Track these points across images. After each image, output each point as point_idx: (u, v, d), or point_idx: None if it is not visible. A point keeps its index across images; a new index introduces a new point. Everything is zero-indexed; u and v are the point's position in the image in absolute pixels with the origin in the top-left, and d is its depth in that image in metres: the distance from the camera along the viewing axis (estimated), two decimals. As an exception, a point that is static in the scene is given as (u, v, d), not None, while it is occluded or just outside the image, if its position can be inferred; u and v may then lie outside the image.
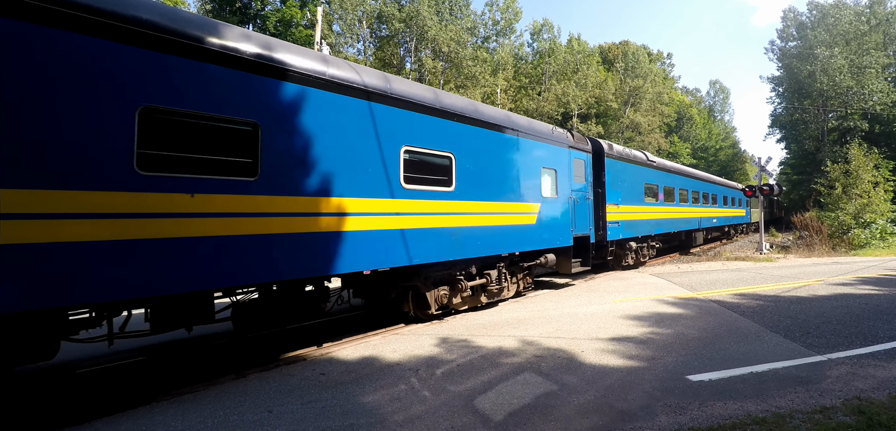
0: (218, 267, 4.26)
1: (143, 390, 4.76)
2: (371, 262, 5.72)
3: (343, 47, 30.90)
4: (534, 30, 41.53)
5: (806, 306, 7.58)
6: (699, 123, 63.42)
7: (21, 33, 3.30)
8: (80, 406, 4.39)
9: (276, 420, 3.71)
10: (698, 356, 5.11)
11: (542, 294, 9.68)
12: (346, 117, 5.47)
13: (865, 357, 4.93)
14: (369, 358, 5.35)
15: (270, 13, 27.13)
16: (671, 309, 7.64)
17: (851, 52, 37.44)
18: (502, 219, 7.94)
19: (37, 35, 3.36)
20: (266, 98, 4.69)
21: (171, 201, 4.00)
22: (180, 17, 4.25)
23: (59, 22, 3.46)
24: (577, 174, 10.34)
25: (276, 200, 4.72)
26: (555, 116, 35.21)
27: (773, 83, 46.82)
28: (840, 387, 4.11)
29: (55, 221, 3.41)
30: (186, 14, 4.44)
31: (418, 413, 3.80)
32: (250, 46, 4.61)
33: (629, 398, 3.97)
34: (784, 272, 12.11)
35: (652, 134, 43.84)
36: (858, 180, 20.76)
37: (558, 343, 5.70)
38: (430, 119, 6.60)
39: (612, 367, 4.80)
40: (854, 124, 38.04)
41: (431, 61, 30.55)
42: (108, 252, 3.64)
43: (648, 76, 44.90)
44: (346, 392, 4.30)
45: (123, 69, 3.78)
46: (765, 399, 3.86)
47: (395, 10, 31.09)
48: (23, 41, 3.30)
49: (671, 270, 13.53)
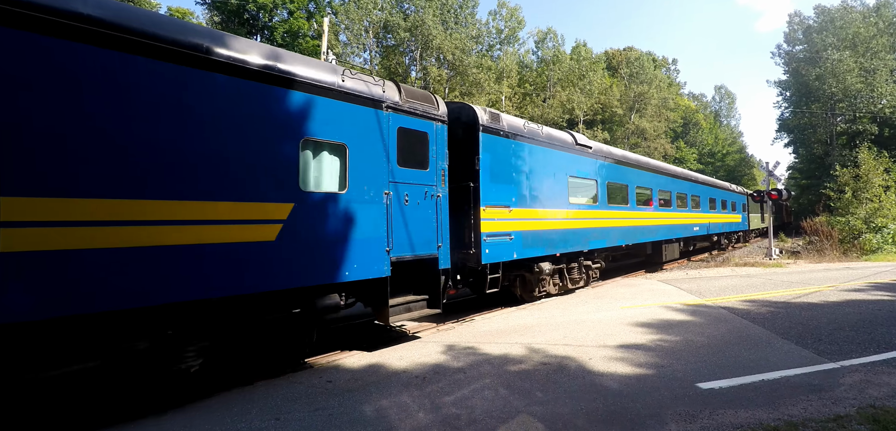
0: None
1: (149, 398, 4.79)
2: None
3: (349, 57, 31.23)
4: (538, 38, 41.75)
5: (818, 312, 7.47)
6: (705, 128, 63.09)
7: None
8: (84, 416, 4.42)
9: (284, 428, 3.71)
10: (708, 363, 5.04)
11: (548, 302, 9.62)
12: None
13: (880, 365, 4.84)
14: (376, 365, 5.34)
15: (278, 24, 27.52)
16: (680, 316, 7.56)
17: (859, 55, 37.18)
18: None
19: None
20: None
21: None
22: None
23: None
24: (408, 155, 6.39)
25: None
26: (560, 122, 35.23)
27: (780, 87, 46.54)
28: (854, 395, 4.03)
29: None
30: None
31: (425, 421, 3.78)
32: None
33: (638, 405, 3.93)
34: (794, 277, 11.95)
35: (658, 140, 43.68)
36: (869, 184, 20.50)
37: (566, 350, 5.66)
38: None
39: (620, 374, 4.75)
40: (863, 128, 37.63)
41: (436, 69, 30.76)
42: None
43: (653, 82, 44.85)
44: (353, 399, 4.30)
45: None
46: (777, 408, 3.80)
47: (401, 19, 31.42)
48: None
49: (679, 276, 13.41)
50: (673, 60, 60.96)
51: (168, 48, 4.14)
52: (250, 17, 27.38)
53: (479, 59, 33.15)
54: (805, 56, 41.07)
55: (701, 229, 19.39)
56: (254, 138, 4.67)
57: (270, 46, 5.37)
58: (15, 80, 3.43)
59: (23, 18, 3.44)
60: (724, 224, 23.38)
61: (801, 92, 42.74)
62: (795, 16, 43.88)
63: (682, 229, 17.30)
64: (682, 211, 17.37)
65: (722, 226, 22.89)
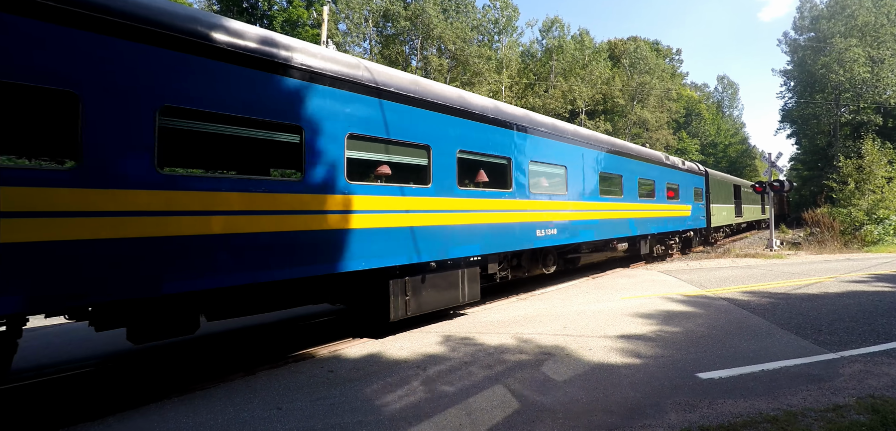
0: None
1: (154, 387, 4.83)
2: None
3: (349, 46, 31.00)
4: (544, 26, 41.38)
5: (818, 303, 7.47)
6: (708, 118, 62.74)
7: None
8: (90, 404, 4.46)
9: (286, 417, 3.74)
10: (708, 353, 5.06)
11: (549, 292, 9.64)
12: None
13: (879, 355, 4.85)
14: (376, 355, 5.37)
15: (277, 13, 27.27)
16: (680, 307, 7.58)
17: (866, 45, 36.85)
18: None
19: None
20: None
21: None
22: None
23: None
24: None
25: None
26: (562, 112, 35.03)
27: (785, 77, 46.19)
28: (853, 385, 4.04)
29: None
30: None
31: (427, 410, 3.81)
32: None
33: (638, 395, 3.95)
34: (795, 268, 11.95)
35: (660, 130, 43.45)
36: (872, 176, 20.44)
37: (566, 341, 5.68)
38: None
39: (620, 364, 4.77)
40: (867, 119, 37.44)
41: (437, 59, 30.54)
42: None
43: (655, 72, 44.50)
44: (355, 389, 4.33)
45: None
46: (776, 397, 3.82)
47: (401, 8, 31.12)
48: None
49: (680, 267, 13.41)
50: (677, 50, 60.52)
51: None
52: (249, 6, 27.13)
53: (480, 49, 32.89)
54: (812, 45, 40.70)
55: (600, 233, 10.99)
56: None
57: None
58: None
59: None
60: (656, 221, 14.26)
61: (805, 82, 42.44)
62: (807, 1, 43.39)
63: (527, 237, 8.50)
64: (539, 198, 8.85)
65: (651, 223, 13.88)
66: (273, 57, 4.79)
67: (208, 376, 5.07)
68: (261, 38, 4.79)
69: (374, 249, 5.74)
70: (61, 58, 3.53)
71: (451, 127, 6.93)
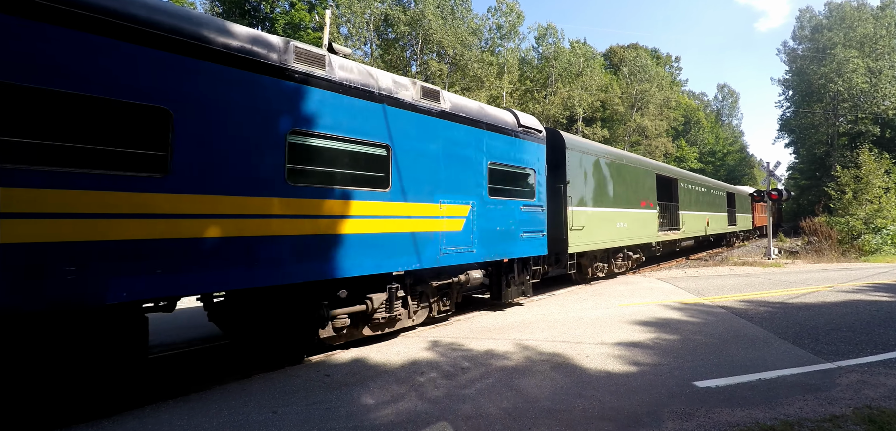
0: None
1: (148, 390, 4.80)
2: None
3: (351, 50, 31.11)
4: (538, 34, 41.53)
5: (815, 312, 7.48)
6: (707, 127, 62.98)
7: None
8: (82, 406, 4.43)
9: (281, 421, 3.72)
10: (705, 361, 5.06)
11: (546, 298, 9.64)
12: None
13: (876, 365, 4.85)
14: (373, 360, 5.35)
15: (279, 16, 27.36)
16: (677, 314, 7.57)
17: (865, 55, 37.14)
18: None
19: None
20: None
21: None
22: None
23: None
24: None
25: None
26: (560, 119, 35.16)
27: (783, 86, 46.45)
28: (850, 395, 4.04)
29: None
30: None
31: (423, 414, 3.79)
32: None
33: (635, 403, 3.94)
34: (792, 277, 11.97)
35: (659, 138, 43.60)
36: (869, 186, 20.51)
37: (563, 348, 5.67)
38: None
39: (617, 372, 4.76)
40: (865, 129, 37.63)
41: (436, 64, 30.65)
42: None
43: (655, 80, 44.70)
44: (350, 393, 4.31)
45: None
46: (773, 407, 3.81)
47: (401, 12, 31.27)
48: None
49: (677, 274, 13.42)
50: (676, 58, 60.83)
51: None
52: (252, 9, 27.23)
53: (481, 54, 33.01)
54: (811, 54, 40.98)
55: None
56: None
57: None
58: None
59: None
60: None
61: (804, 91, 42.68)
62: (807, 11, 43.72)
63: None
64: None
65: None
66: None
67: (205, 379, 5.04)
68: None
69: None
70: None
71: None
